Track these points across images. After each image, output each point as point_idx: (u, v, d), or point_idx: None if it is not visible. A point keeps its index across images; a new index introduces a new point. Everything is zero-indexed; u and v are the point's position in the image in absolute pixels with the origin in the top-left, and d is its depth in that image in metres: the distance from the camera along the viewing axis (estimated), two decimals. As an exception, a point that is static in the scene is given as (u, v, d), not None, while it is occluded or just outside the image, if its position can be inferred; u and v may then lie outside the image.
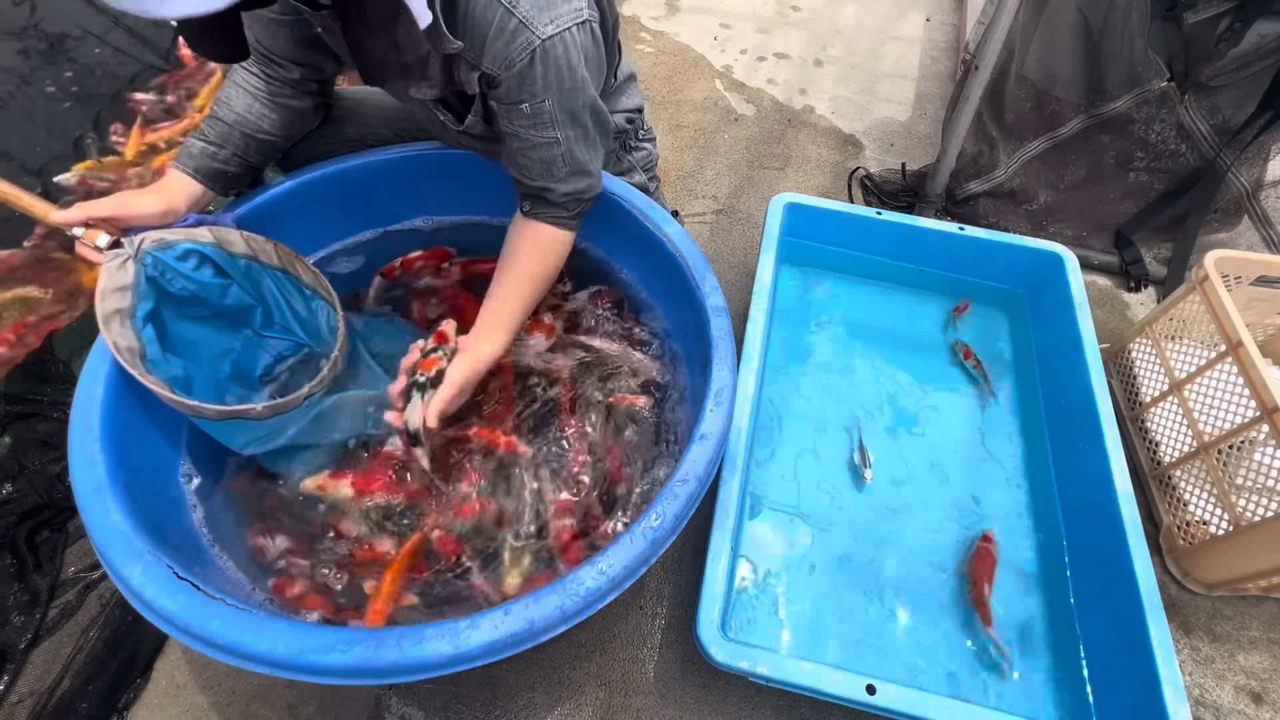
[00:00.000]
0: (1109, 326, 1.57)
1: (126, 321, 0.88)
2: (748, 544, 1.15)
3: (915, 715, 0.86)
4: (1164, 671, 0.89)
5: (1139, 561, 0.98)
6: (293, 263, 1.03)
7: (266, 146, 1.04)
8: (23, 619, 1.03)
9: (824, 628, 1.07)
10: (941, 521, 1.19)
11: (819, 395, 1.35)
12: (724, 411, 0.88)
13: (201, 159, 0.97)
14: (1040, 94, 1.57)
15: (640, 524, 0.77)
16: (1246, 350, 1.06)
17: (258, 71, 1.00)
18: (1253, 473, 1.12)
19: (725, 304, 1.00)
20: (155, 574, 0.70)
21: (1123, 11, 1.42)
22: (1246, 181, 1.54)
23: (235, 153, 0.99)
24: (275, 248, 1.01)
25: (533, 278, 1.02)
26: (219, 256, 0.97)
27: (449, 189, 1.24)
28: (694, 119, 2.05)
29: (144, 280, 0.90)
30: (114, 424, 0.84)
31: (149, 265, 0.90)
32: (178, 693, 1.01)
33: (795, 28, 2.48)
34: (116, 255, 0.88)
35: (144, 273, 0.90)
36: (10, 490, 1.14)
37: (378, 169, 1.18)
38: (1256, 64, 1.40)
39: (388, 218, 1.27)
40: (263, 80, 1.00)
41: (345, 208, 1.21)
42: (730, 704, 1.03)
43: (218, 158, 0.98)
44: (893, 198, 1.81)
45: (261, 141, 1.02)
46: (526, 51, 0.85)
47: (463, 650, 0.67)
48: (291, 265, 1.03)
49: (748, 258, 1.67)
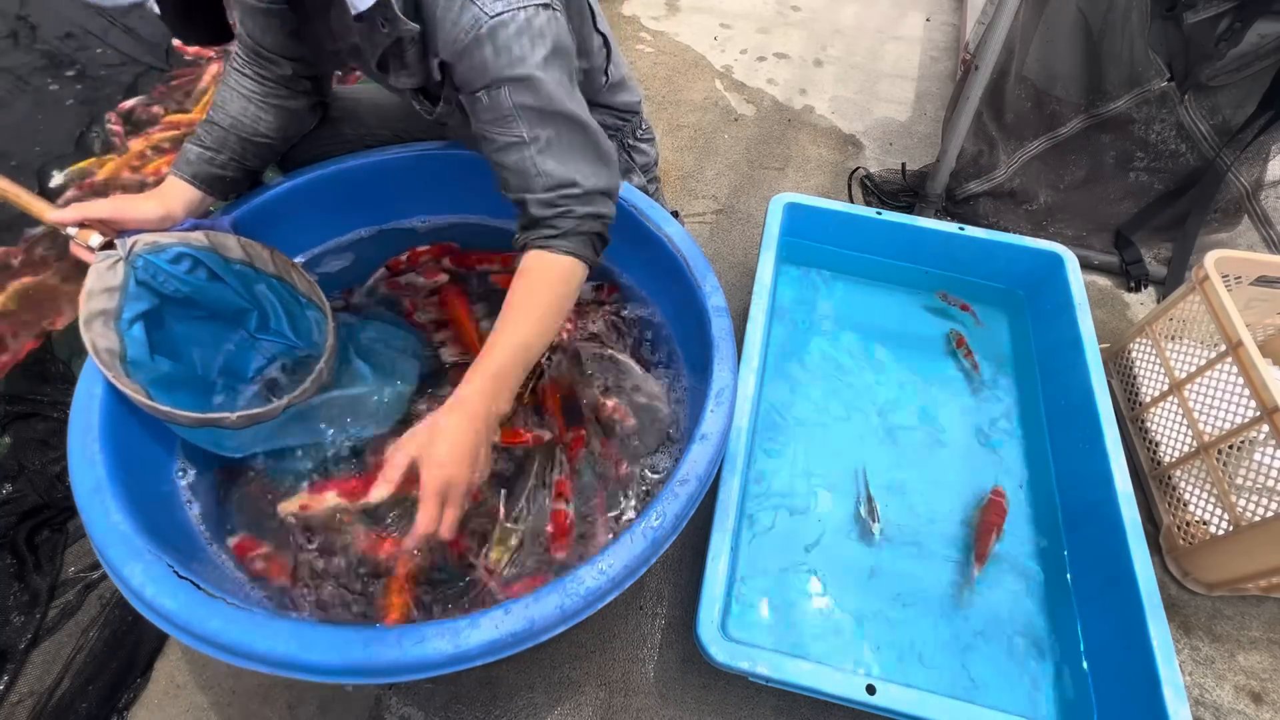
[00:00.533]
0: (1109, 326, 1.57)
1: (110, 323, 0.88)
2: (748, 544, 1.15)
3: (915, 715, 0.86)
4: (1164, 671, 0.89)
5: (1139, 561, 0.98)
6: (288, 270, 1.03)
7: (264, 149, 1.03)
8: (23, 619, 1.03)
9: (824, 628, 1.07)
10: (941, 519, 1.19)
11: (819, 395, 1.35)
12: (724, 411, 0.88)
13: (199, 164, 0.96)
14: (1040, 94, 1.57)
15: (640, 524, 0.77)
16: (1246, 350, 1.06)
17: (251, 73, 0.99)
18: (1253, 473, 1.12)
19: (726, 304, 1.00)
20: (155, 573, 0.70)
21: (1123, 11, 1.42)
22: (1246, 181, 1.54)
23: (232, 157, 0.99)
24: (271, 254, 1.01)
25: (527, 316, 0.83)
26: (213, 261, 0.97)
27: (444, 188, 1.24)
28: (694, 119, 2.05)
29: (133, 283, 0.90)
30: (114, 424, 0.83)
31: (139, 268, 0.90)
32: (178, 693, 1.01)
33: (795, 28, 2.48)
34: (107, 256, 0.88)
35: (134, 275, 0.90)
36: (10, 490, 1.14)
37: (374, 169, 1.18)
38: (1256, 64, 1.40)
39: (383, 216, 1.27)
40: (256, 81, 1.00)
41: (340, 206, 1.21)
42: (730, 704, 1.03)
43: (215, 163, 0.97)
44: (893, 198, 1.81)
45: (259, 145, 1.02)
46: (472, 30, 0.79)
47: (463, 650, 0.67)
48: (287, 273, 1.03)
49: (748, 258, 1.68)
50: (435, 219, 1.30)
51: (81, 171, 1.64)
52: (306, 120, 1.10)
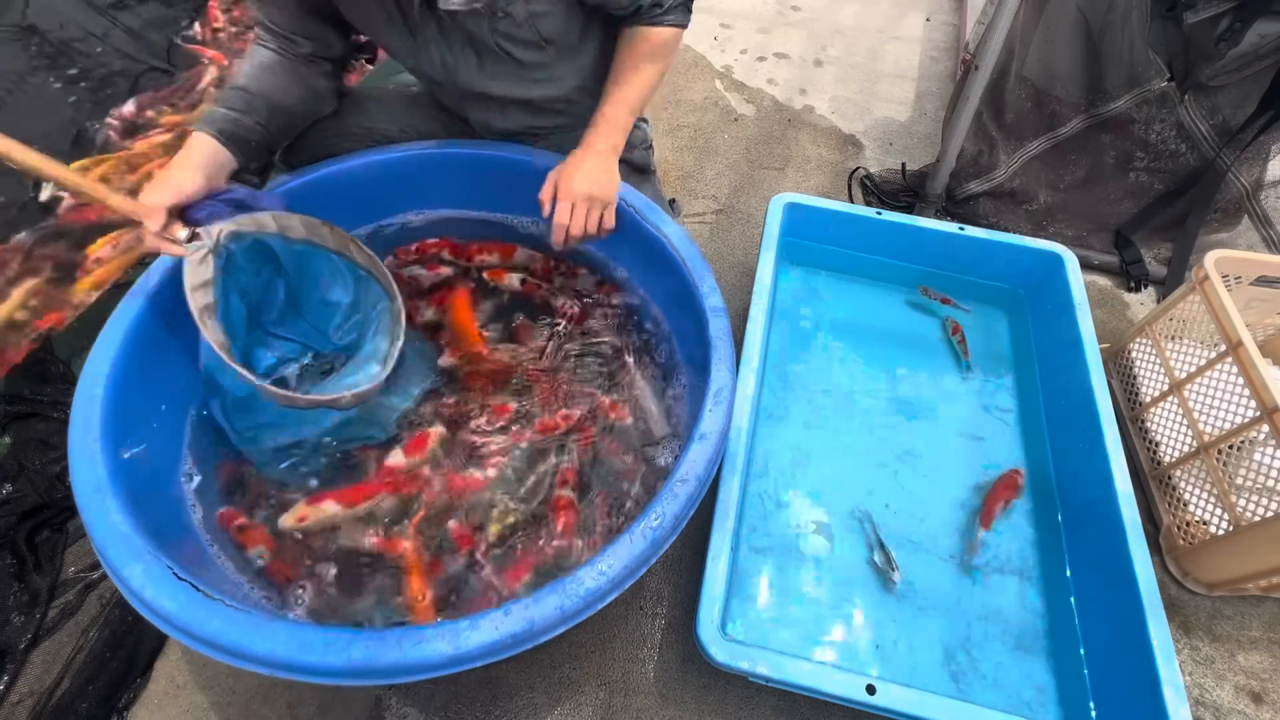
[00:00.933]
0: (1109, 326, 1.57)
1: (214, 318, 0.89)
2: (747, 544, 1.15)
3: (915, 715, 0.86)
4: (1164, 671, 0.89)
5: (1139, 561, 0.98)
6: (346, 245, 1.03)
7: (284, 120, 1.05)
8: (23, 619, 1.03)
9: (824, 628, 1.07)
10: (941, 520, 1.19)
11: (819, 395, 1.35)
12: (723, 411, 0.88)
13: (225, 123, 0.96)
14: (1040, 94, 1.57)
15: (640, 524, 0.77)
16: (1246, 350, 1.06)
17: (275, 47, 1.02)
18: (1253, 473, 1.12)
19: (724, 304, 1.00)
20: (155, 574, 0.70)
21: (1123, 11, 1.42)
22: (1246, 181, 1.54)
23: (258, 121, 0.99)
24: (330, 230, 1.02)
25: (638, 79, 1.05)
26: (279, 247, 0.98)
27: (442, 184, 1.25)
28: (694, 119, 2.05)
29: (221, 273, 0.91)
30: (114, 424, 0.84)
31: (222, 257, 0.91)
32: (178, 693, 1.01)
33: (795, 28, 2.48)
34: (198, 248, 0.87)
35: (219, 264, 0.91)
36: (10, 490, 1.14)
37: (374, 167, 1.18)
38: (1256, 64, 1.40)
39: (382, 212, 1.28)
40: (280, 55, 1.02)
41: (338, 204, 1.21)
42: (730, 704, 1.03)
43: (241, 124, 0.97)
44: (893, 198, 1.81)
45: (282, 114, 1.03)
46: None
47: (462, 651, 0.67)
48: (345, 248, 1.04)
49: (748, 258, 1.67)
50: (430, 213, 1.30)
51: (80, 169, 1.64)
52: (326, 100, 1.12)
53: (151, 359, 0.93)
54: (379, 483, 0.98)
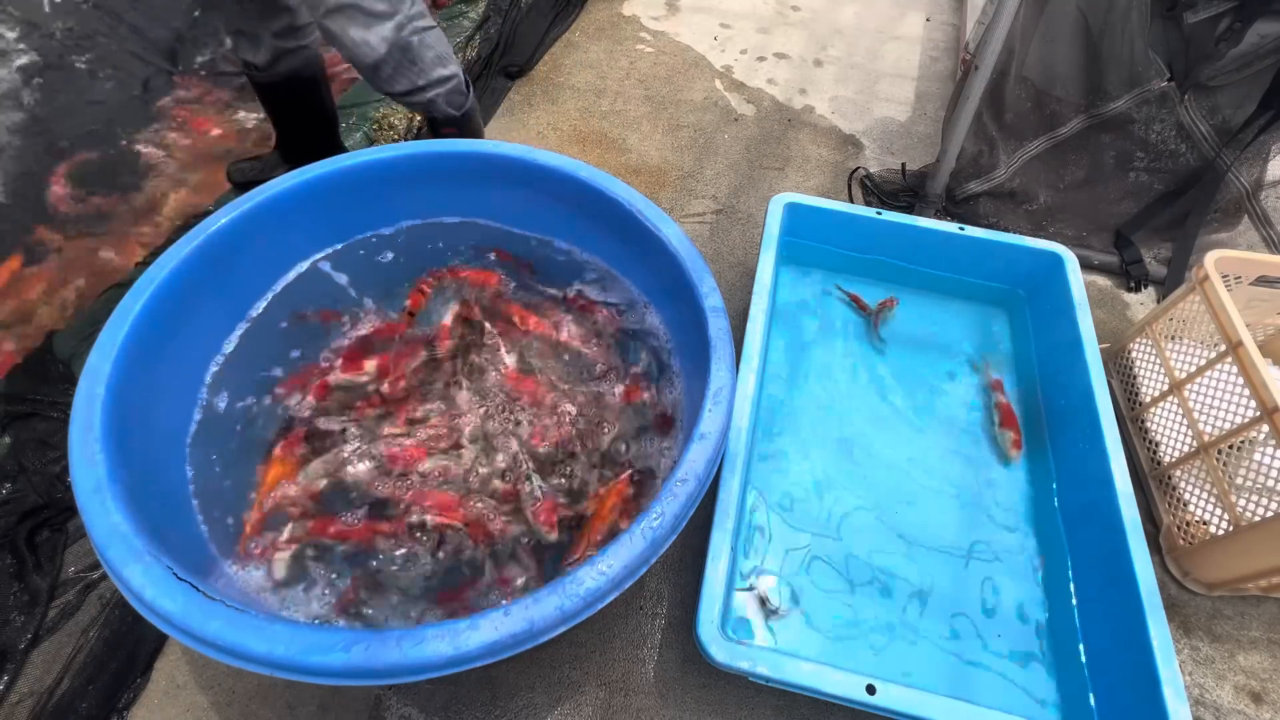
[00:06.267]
0: (1109, 326, 1.57)
1: None
2: (747, 543, 1.15)
3: (915, 715, 0.86)
4: (1164, 671, 0.89)
5: (1139, 561, 0.98)
6: None
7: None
8: (23, 619, 1.03)
9: (824, 627, 1.07)
10: (941, 520, 1.19)
11: (819, 394, 1.35)
12: (723, 411, 0.88)
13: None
14: (1040, 94, 1.57)
15: (640, 524, 0.77)
16: (1246, 350, 1.06)
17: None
18: (1253, 473, 1.12)
19: (723, 304, 1.00)
20: (155, 574, 0.70)
21: (1123, 11, 1.42)
22: (1246, 181, 1.54)
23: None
24: None
25: None
26: None
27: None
28: (694, 119, 2.05)
29: None
30: (114, 424, 0.83)
31: None
32: (178, 693, 1.01)
33: (795, 28, 2.48)
34: None
35: None
36: (10, 490, 1.14)
37: (376, 166, 1.18)
38: (1256, 64, 1.40)
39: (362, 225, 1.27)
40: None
41: (345, 206, 1.21)
42: (730, 704, 1.03)
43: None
44: (893, 198, 1.81)
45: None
46: None
47: (462, 651, 0.67)
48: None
49: (748, 258, 1.67)
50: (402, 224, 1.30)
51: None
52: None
53: (151, 359, 0.93)
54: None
